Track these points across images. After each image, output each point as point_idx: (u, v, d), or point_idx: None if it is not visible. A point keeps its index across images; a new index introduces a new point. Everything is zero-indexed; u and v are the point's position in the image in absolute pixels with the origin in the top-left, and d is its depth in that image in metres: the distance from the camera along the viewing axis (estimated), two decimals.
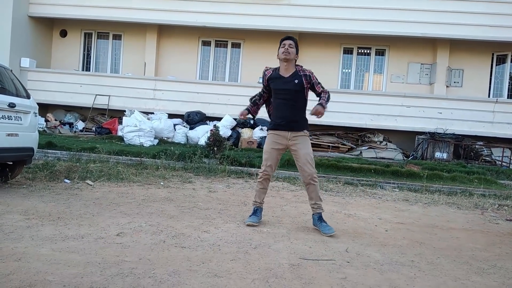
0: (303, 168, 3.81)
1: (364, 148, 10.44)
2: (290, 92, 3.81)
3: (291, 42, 3.83)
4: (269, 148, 3.90)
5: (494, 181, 7.60)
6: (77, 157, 7.28)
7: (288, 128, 3.82)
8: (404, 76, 11.57)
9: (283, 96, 3.83)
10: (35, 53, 11.81)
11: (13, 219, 3.55)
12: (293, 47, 3.82)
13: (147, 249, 3.00)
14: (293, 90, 3.80)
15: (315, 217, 3.89)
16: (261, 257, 2.99)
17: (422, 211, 5.23)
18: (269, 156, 3.90)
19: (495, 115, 10.29)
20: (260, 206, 4.03)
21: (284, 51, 3.79)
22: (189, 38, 12.10)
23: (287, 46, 3.79)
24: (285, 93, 3.82)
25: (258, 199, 4.00)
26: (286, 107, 3.83)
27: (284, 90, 3.82)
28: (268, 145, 3.92)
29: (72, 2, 11.41)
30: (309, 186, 3.85)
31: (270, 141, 3.91)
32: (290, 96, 3.82)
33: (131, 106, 10.92)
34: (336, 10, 10.72)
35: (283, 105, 3.84)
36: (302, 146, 3.81)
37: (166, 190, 5.42)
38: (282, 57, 3.83)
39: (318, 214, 3.87)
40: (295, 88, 3.80)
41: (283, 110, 3.84)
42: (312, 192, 3.85)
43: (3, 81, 4.91)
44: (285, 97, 3.82)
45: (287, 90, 3.81)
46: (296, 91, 3.81)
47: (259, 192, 4.00)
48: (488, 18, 10.28)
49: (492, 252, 3.54)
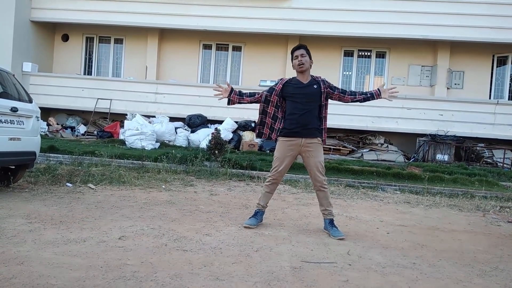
0: (313, 175, 3.82)
1: (365, 151, 10.44)
2: (308, 96, 3.79)
3: (303, 52, 3.80)
4: (282, 155, 3.84)
5: (496, 183, 7.59)
6: (79, 161, 7.29)
7: (302, 135, 3.78)
8: (405, 78, 11.58)
9: (301, 101, 3.78)
10: (37, 58, 11.87)
11: (15, 223, 3.57)
12: (306, 55, 3.80)
13: (149, 252, 3.01)
14: (311, 94, 3.80)
15: (326, 221, 3.90)
16: (263, 260, 2.99)
17: (424, 213, 5.23)
18: (281, 162, 3.85)
19: (496, 116, 10.29)
20: (263, 209, 4.02)
21: (299, 63, 3.79)
22: (190, 42, 12.15)
23: (300, 57, 3.78)
24: (303, 97, 3.79)
25: (262, 202, 3.99)
26: (302, 113, 3.78)
27: (302, 95, 3.79)
28: (280, 152, 3.85)
29: (73, 6, 11.47)
30: (319, 193, 3.86)
31: (283, 148, 3.84)
32: (308, 101, 3.79)
33: (133, 110, 10.96)
34: (336, 13, 10.75)
35: (300, 110, 3.78)
36: (315, 154, 3.79)
37: (167, 193, 5.43)
38: (298, 69, 3.83)
39: (329, 219, 3.89)
40: (313, 92, 3.80)
41: (299, 116, 3.77)
42: (322, 198, 3.86)
43: (5, 85, 4.93)
44: (302, 101, 3.78)
45: (305, 95, 3.79)
46: (314, 95, 3.80)
47: (264, 196, 3.98)
48: (489, 20, 10.30)
49: (494, 254, 3.54)
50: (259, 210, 4.01)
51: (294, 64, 3.84)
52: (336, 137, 11.00)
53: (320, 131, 3.86)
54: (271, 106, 3.93)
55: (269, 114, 3.95)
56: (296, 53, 3.82)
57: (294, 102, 3.81)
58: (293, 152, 3.84)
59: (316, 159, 3.79)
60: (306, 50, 3.82)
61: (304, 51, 3.80)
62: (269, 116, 3.95)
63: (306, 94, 3.79)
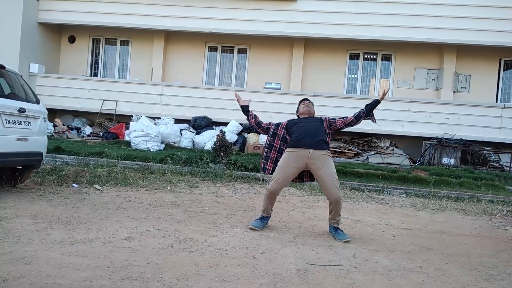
0: (329, 191, 3.73)
1: (370, 154, 10.40)
2: (310, 121, 3.98)
3: (309, 101, 4.20)
4: (286, 164, 3.79)
5: (502, 187, 7.54)
6: (85, 162, 7.33)
7: (309, 146, 3.75)
8: (411, 81, 11.54)
9: (307, 124, 3.94)
10: (44, 59, 11.95)
11: (22, 223, 3.59)
12: (312, 104, 4.18)
13: (155, 253, 3.02)
14: (313, 120, 4.00)
15: (331, 227, 3.90)
16: (269, 262, 2.99)
17: (430, 217, 5.20)
18: (283, 173, 3.79)
19: (502, 120, 10.22)
20: (268, 216, 4.03)
21: (305, 106, 4.12)
22: (195, 44, 12.18)
23: (307, 102, 4.16)
24: (306, 122, 3.97)
25: (266, 209, 3.97)
26: (308, 128, 3.89)
27: (305, 120, 4.00)
28: (284, 161, 3.80)
29: (80, 8, 11.54)
30: (334, 207, 3.80)
31: (288, 158, 3.81)
32: (311, 124, 3.95)
33: (138, 111, 10.99)
34: (342, 15, 10.74)
35: (307, 127, 3.91)
36: (325, 166, 3.72)
37: (173, 194, 5.44)
38: (303, 110, 4.11)
39: (335, 226, 3.88)
40: (315, 120, 4.00)
41: (305, 130, 3.87)
42: (334, 209, 3.82)
43: (13, 86, 4.97)
44: (307, 124, 3.94)
45: (308, 121, 3.99)
46: (316, 121, 3.99)
47: (266, 205, 3.95)
48: (495, 24, 10.24)
49: (501, 258, 3.52)
50: (263, 216, 4.01)
51: (300, 108, 4.18)
52: (341, 140, 10.97)
53: (327, 145, 3.89)
54: (277, 139, 4.05)
55: (275, 148, 4.05)
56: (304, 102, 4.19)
57: (300, 126, 3.95)
58: (299, 164, 3.77)
59: (328, 171, 3.71)
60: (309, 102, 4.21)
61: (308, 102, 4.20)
62: (275, 150, 4.04)
63: (311, 121, 3.99)
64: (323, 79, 11.62)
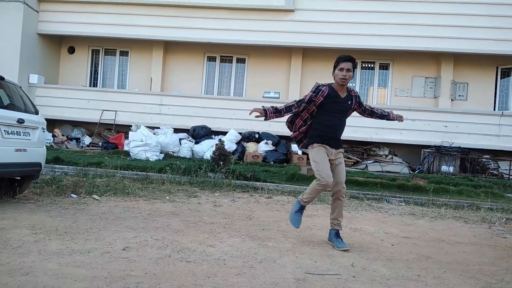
0: (340, 182, 3.79)
1: (369, 162, 10.42)
2: (343, 112, 3.86)
3: (350, 67, 3.72)
4: (323, 157, 3.74)
5: (502, 195, 7.54)
6: (83, 172, 7.33)
7: (334, 146, 3.82)
8: (409, 89, 11.60)
9: (336, 116, 3.82)
10: (43, 70, 12.01)
11: (20, 234, 3.59)
12: (351, 70, 3.73)
13: (152, 263, 3.01)
14: (345, 110, 3.87)
15: (332, 233, 3.89)
16: (266, 272, 2.98)
17: (429, 225, 5.19)
18: (325, 164, 3.72)
19: (501, 128, 10.26)
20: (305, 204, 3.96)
21: (343, 77, 3.71)
22: (194, 54, 12.26)
23: (345, 72, 3.70)
24: (339, 112, 3.82)
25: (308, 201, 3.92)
26: (337, 126, 3.85)
27: (339, 110, 3.82)
28: (320, 155, 3.75)
29: (80, 19, 11.64)
30: (338, 201, 3.83)
31: (322, 152, 3.76)
32: (342, 116, 3.87)
33: (137, 121, 11.02)
34: (339, 25, 10.83)
35: (334, 124, 3.83)
36: (342, 161, 3.89)
37: (171, 204, 5.44)
38: (339, 82, 3.76)
39: (336, 230, 3.87)
40: (347, 108, 3.86)
41: (334, 129, 3.83)
42: (337, 206, 3.85)
43: (12, 97, 5.00)
44: (337, 116, 3.83)
45: (341, 111, 3.84)
46: (347, 110, 3.89)
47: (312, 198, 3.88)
48: (492, 32, 10.34)
49: (500, 267, 3.51)
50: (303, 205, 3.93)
51: (337, 75, 3.75)
52: None
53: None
54: (305, 112, 3.89)
55: (302, 117, 3.94)
56: (343, 65, 3.71)
57: (328, 116, 3.81)
58: (328, 158, 3.81)
59: (342, 166, 3.86)
60: (353, 64, 3.77)
61: (351, 65, 3.73)
62: (301, 119, 3.94)
63: (342, 110, 3.85)
64: None
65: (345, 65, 3.71)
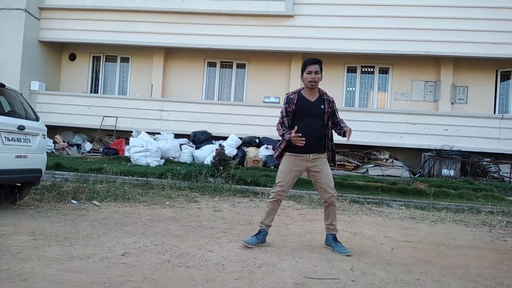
0: (326, 190, 3.74)
1: (370, 166, 10.42)
2: (316, 116, 3.77)
3: (317, 69, 3.72)
4: (288, 169, 3.74)
5: (502, 198, 7.52)
6: (84, 178, 7.35)
7: (310, 151, 3.74)
8: (409, 93, 11.62)
9: (309, 120, 3.75)
10: (44, 76, 12.08)
11: (20, 240, 3.60)
12: (319, 72, 3.73)
13: (151, 268, 3.01)
14: (319, 114, 3.77)
15: (329, 237, 3.87)
16: (266, 276, 2.98)
17: (429, 229, 5.19)
18: (286, 177, 3.75)
19: (501, 131, 10.26)
20: (266, 229, 3.86)
21: (311, 80, 3.71)
22: (195, 60, 12.32)
23: (313, 74, 3.71)
24: (311, 116, 3.75)
25: (266, 220, 3.83)
26: (311, 131, 3.73)
27: (311, 114, 3.76)
28: (286, 166, 3.75)
29: (81, 26, 11.71)
30: (330, 207, 3.81)
31: (290, 163, 3.75)
32: (315, 120, 3.77)
33: (138, 127, 11.06)
34: (339, 30, 10.88)
35: (308, 128, 3.73)
36: (324, 168, 3.77)
37: (171, 209, 5.45)
38: (309, 86, 3.76)
39: (333, 234, 3.86)
40: (321, 112, 3.77)
41: (308, 134, 3.70)
42: (330, 212, 3.82)
43: (13, 104, 5.03)
44: (311, 120, 3.75)
45: (314, 114, 3.76)
46: (321, 115, 3.77)
47: (268, 213, 3.82)
48: (491, 36, 10.37)
49: (500, 270, 3.50)
50: (262, 230, 3.85)
51: (306, 79, 3.75)
52: (341, 152, 11.00)
53: (325, 148, 3.86)
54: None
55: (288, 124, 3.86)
56: (311, 68, 3.71)
57: (301, 121, 3.74)
58: (300, 168, 3.78)
59: (327, 172, 3.78)
60: (320, 66, 3.76)
61: (319, 67, 3.73)
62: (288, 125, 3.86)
63: (316, 114, 3.77)
64: None
65: (313, 67, 3.72)
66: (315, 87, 3.78)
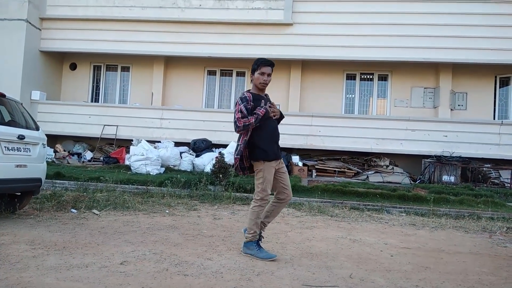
0: (288, 189, 3.78)
1: (370, 173, 10.41)
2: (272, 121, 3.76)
3: (270, 71, 3.73)
4: (271, 177, 3.70)
5: (503, 204, 7.50)
6: (84, 187, 7.36)
7: (278, 156, 3.79)
8: (408, 100, 11.65)
9: (272, 121, 3.74)
10: (45, 86, 12.14)
11: (19, 249, 3.60)
12: (271, 75, 3.75)
13: (149, 277, 3.01)
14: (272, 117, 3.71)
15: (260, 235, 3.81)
16: (264, 284, 2.98)
17: (429, 235, 5.18)
18: (270, 184, 3.71)
19: (501, 137, 10.26)
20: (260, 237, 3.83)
21: (263, 82, 3.71)
22: (195, 68, 12.38)
23: (266, 76, 3.70)
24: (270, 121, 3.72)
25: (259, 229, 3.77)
26: (276, 133, 3.80)
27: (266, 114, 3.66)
28: (270, 175, 3.68)
29: (82, 36, 11.80)
30: (281, 205, 3.83)
31: (271, 171, 3.69)
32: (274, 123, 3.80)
33: (139, 136, 11.09)
34: (338, 38, 10.94)
35: (274, 130, 3.77)
36: (285, 170, 3.86)
37: (171, 218, 5.45)
38: (260, 87, 3.75)
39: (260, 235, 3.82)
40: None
41: (275, 136, 3.77)
42: (278, 211, 3.89)
43: (13, 114, 5.07)
44: (273, 121, 3.77)
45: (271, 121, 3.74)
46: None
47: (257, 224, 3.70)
48: (490, 42, 10.41)
49: (499, 276, 3.49)
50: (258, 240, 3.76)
51: (257, 79, 3.71)
52: (341, 159, 11.00)
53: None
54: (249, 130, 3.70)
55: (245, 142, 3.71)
56: (265, 70, 3.69)
57: (266, 124, 3.68)
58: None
59: (287, 173, 3.87)
60: (272, 69, 3.77)
61: (271, 70, 3.75)
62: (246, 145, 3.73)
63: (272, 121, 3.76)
64: (321, 100, 11.75)
65: (267, 69, 3.71)
66: (265, 88, 3.80)
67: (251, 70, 3.80)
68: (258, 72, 3.72)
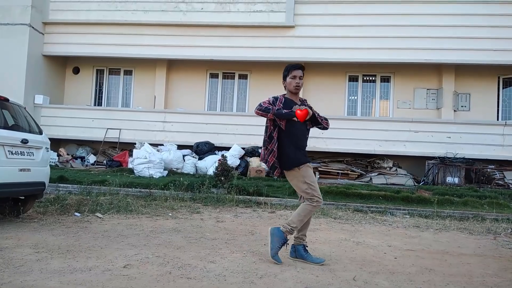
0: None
1: (374, 175, 10.37)
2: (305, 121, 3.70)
3: (301, 74, 3.75)
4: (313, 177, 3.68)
5: (507, 205, 7.46)
6: (87, 191, 7.38)
7: (308, 160, 3.77)
8: (411, 101, 11.62)
9: (300, 125, 3.69)
10: (48, 90, 12.19)
11: (23, 253, 3.61)
12: (303, 77, 3.77)
13: (153, 280, 3.01)
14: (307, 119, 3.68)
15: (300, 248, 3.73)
16: (267, 287, 2.97)
17: (433, 237, 5.15)
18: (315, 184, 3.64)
19: (505, 138, 10.21)
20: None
21: (297, 85, 3.73)
22: (197, 71, 12.41)
23: (298, 79, 3.72)
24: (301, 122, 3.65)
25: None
26: (304, 137, 3.78)
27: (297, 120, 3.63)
28: (312, 174, 3.66)
29: (84, 40, 11.85)
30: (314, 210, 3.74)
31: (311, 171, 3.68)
32: (305, 125, 3.76)
33: (141, 139, 11.10)
34: (340, 40, 10.93)
35: (302, 134, 3.75)
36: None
37: (174, 221, 5.45)
38: (294, 90, 3.75)
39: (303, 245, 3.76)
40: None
41: (304, 141, 3.76)
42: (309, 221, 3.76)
43: (17, 118, 5.09)
44: (302, 126, 3.72)
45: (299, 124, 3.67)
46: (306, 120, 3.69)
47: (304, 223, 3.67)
48: (492, 43, 10.37)
49: (504, 278, 3.47)
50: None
51: (290, 84, 3.73)
52: (344, 161, 10.97)
53: None
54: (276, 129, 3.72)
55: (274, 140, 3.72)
56: (296, 73, 3.72)
57: (294, 127, 3.67)
58: None
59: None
60: (303, 72, 3.79)
61: (303, 73, 3.76)
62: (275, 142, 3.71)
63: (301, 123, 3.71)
64: (324, 102, 11.70)
65: (298, 72, 3.73)
66: (299, 91, 3.82)
67: (282, 77, 3.83)
68: (290, 77, 3.75)
